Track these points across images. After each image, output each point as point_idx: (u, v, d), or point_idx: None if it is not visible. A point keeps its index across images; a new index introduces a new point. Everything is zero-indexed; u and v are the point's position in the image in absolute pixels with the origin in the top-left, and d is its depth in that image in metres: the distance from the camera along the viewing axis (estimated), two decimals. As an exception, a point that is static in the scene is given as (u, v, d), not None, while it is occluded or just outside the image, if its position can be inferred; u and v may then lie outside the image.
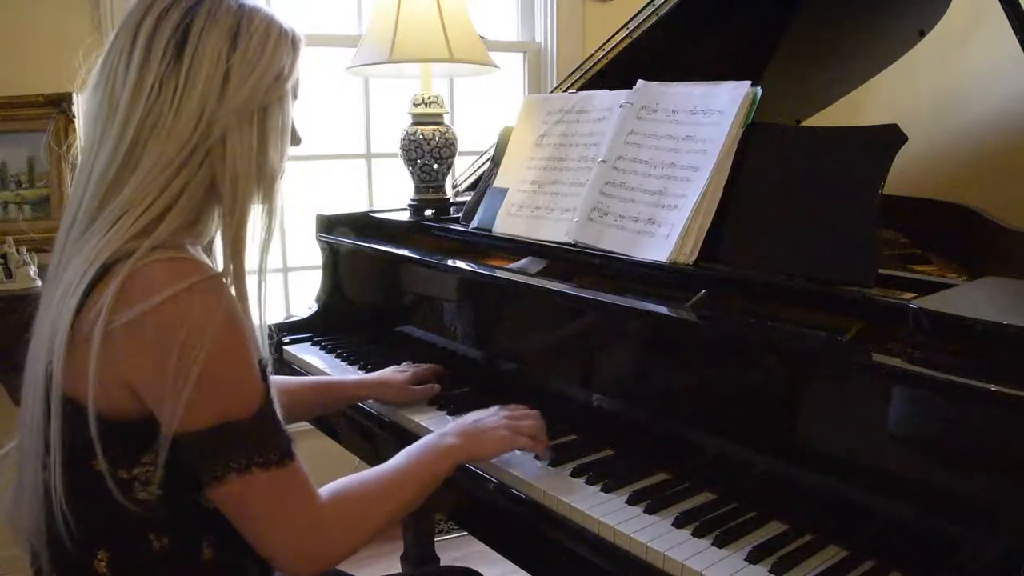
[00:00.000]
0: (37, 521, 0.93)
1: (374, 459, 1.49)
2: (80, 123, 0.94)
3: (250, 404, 0.87)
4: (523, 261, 1.54)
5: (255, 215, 0.95)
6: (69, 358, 0.85)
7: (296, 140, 1.01)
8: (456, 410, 1.37)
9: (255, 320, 0.95)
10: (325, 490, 0.96)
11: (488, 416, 1.16)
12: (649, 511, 1.03)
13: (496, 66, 1.89)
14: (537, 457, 1.16)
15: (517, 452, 1.17)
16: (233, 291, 0.91)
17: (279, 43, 0.94)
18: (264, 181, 0.95)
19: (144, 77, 0.89)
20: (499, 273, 1.44)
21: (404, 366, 1.48)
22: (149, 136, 0.88)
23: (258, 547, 0.91)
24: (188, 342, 0.82)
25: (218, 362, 0.83)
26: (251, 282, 0.94)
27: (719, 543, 0.96)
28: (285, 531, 0.90)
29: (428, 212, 1.89)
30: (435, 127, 1.87)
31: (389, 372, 1.46)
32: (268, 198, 0.96)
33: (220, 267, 0.93)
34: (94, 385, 0.84)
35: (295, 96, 0.99)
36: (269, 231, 0.97)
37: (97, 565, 0.91)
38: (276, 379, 1.18)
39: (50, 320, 0.88)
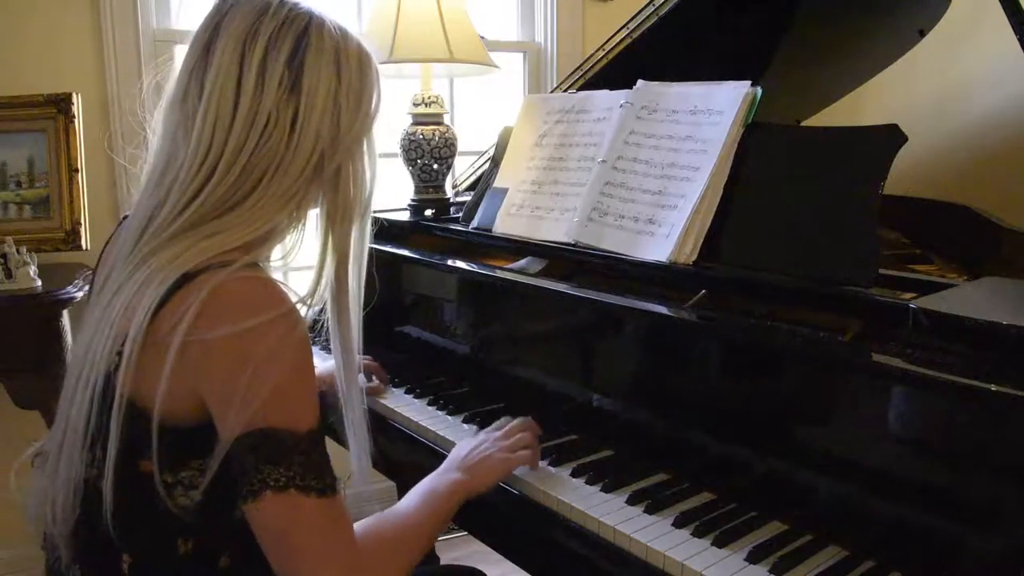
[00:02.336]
0: (68, 521, 0.92)
1: (375, 461, 1.49)
2: (158, 129, 0.93)
3: (302, 423, 0.86)
4: (523, 261, 1.55)
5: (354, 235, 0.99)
6: (137, 363, 0.85)
7: None
8: (456, 410, 1.37)
9: (352, 333, 1.04)
10: (357, 529, 0.93)
11: (482, 444, 1.15)
12: (649, 511, 1.03)
13: (496, 66, 1.89)
14: None
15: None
16: (336, 308, 0.99)
17: (370, 72, 0.96)
18: (365, 204, 1.00)
19: (259, 104, 0.88)
20: (499, 273, 1.44)
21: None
22: (264, 164, 0.89)
23: None
24: (263, 364, 0.82)
25: (285, 379, 0.84)
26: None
27: (719, 543, 0.96)
28: (325, 567, 0.86)
29: (428, 212, 1.89)
30: (435, 127, 1.87)
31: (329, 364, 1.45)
32: (365, 219, 1.00)
33: (305, 287, 0.97)
34: (164, 391, 0.83)
35: None
36: (363, 250, 1.02)
37: (120, 567, 0.91)
38: None
39: (114, 317, 0.87)
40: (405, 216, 1.92)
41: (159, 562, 0.91)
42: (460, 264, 1.52)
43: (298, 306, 0.89)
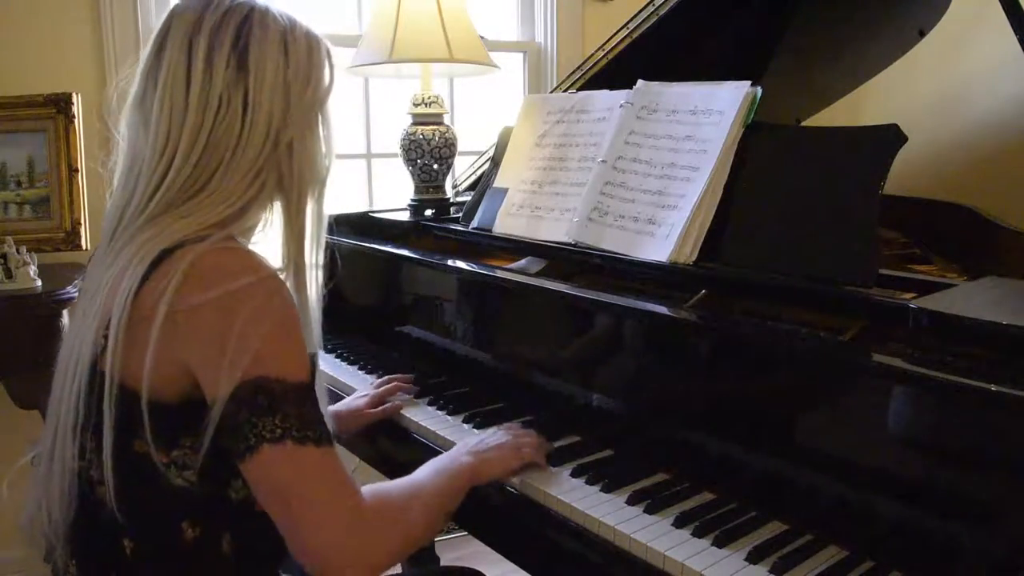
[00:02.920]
0: (67, 517, 0.93)
1: (376, 462, 1.49)
2: (123, 132, 0.98)
3: (293, 374, 0.87)
4: (523, 261, 1.55)
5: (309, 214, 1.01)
6: (124, 341, 0.86)
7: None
8: (456, 410, 1.37)
9: (312, 313, 1.01)
10: (364, 490, 0.94)
11: (490, 437, 1.17)
12: (649, 511, 1.03)
13: (496, 66, 1.89)
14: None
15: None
16: (294, 284, 0.96)
17: (319, 52, 1.00)
18: (320, 181, 1.02)
19: (210, 88, 0.92)
20: (499, 273, 1.44)
21: (369, 387, 1.46)
22: (223, 145, 0.92)
23: (297, 540, 0.87)
24: (250, 319, 0.84)
25: (274, 331, 0.85)
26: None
27: (719, 543, 0.96)
28: (330, 519, 0.86)
29: (428, 212, 1.89)
30: (435, 127, 1.87)
31: (346, 401, 1.44)
32: (321, 197, 1.02)
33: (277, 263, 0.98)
34: (151, 364, 0.85)
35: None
36: (320, 227, 1.03)
37: (122, 554, 0.91)
38: None
39: (96, 307, 0.89)
40: (405, 216, 1.92)
41: (163, 546, 0.91)
42: (460, 264, 1.52)
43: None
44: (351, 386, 1.52)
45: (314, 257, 1.03)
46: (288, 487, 0.86)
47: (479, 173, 1.99)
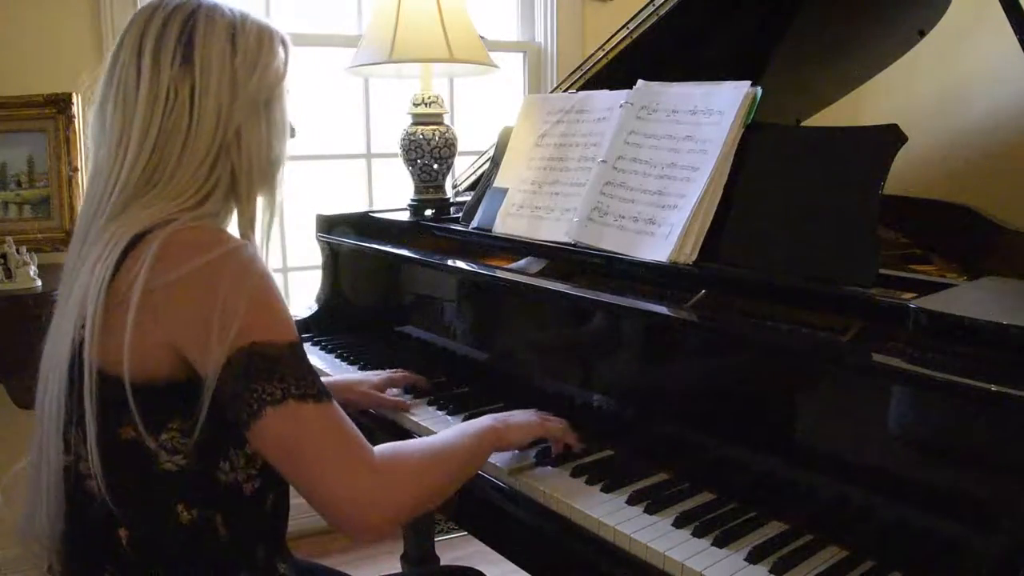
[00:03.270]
0: (56, 512, 0.94)
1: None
2: (87, 132, 1.01)
3: (283, 334, 0.88)
4: (523, 261, 1.54)
5: (260, 205, 1.03)
6: (101, 327, 0.87)
7: (292, 132, 1.07)
8: (456, 410, 1.36)
9: None
10: (377, 449, 0.95)
11: (517, 412, 1.19)
12: (649, 511, 1.03)
13: (496, 66, 1.89)
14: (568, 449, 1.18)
15: (517, 452, 1.17)
16: None
17: (272, 42, 1.01)
18: (271, 171, 1.02)
19: (158, 84, 0.94)
20: (499, 273, 1.44)
21: (385, 372, 1.48)
22: (176, 136, 0.94)
23: (315, 496, 0.88)
24: (232, 287, 0.85)
25: (258, 294, 0.87)
26: None
27: (719, 543, 0.96)
28: (341, 469, 0.88)
29: (428, 212, 1.89)
30: (435, 127, 1.87)
31: (360, 375, 1.47)
32: (272, 188, 1.03)
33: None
34: (129, 348, 0.85)
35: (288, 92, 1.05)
36: (271, 220, 1.04)
37: (118, 545, 0.91)
38: None
39: (75, 300, 0.90)
40: (405, 216, 1.92)
41: (160, 531, 0.92)
42: (460, 264, 1.52)
43: None
44: (351, 386, 1.52)
45: (265, 246, 1.04)
46: (296, 445, 0.87)
47: (479, 173, 1.98)
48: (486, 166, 1.80)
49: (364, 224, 1.92)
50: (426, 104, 1.87)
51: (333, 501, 0.88)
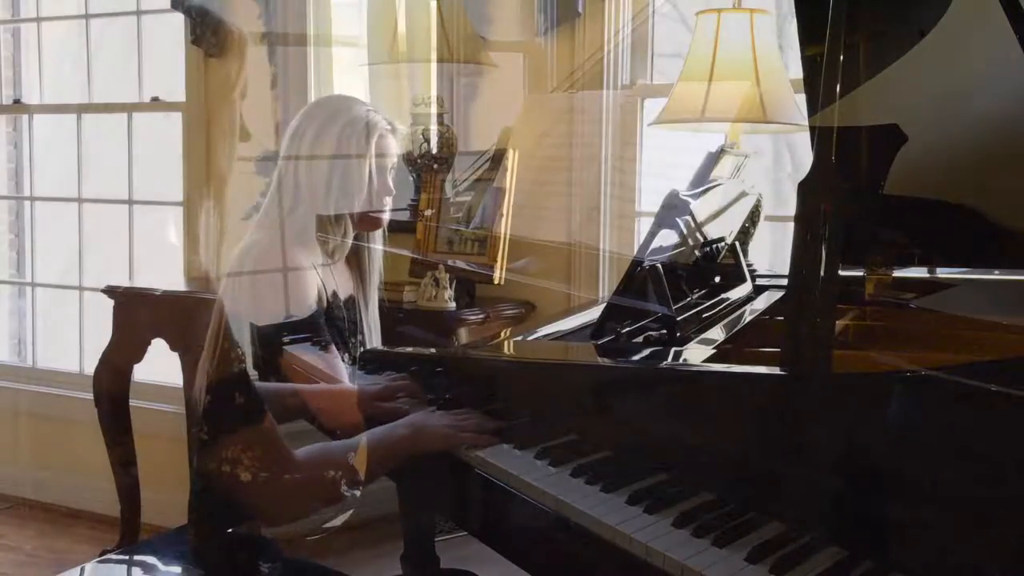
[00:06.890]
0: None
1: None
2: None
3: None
4: (523, 261, 1.54)
5: None
6: None
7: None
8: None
9: None
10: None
11: (436, 415, 1.27)
12: (649, 511, 1.03)
13: (496, 66, 1.89)
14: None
15: (517, 453, 1.17)
16: None
17: None
18: None
19: None
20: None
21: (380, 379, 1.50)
22: None
23: None
24: None
25: None
26: None
27: (719, 543, 0.96)
28: None
29: (428, 212, 1.89)
30: (435, 127, 1.87)
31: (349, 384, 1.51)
32: None
33: None
34: None
35: None
36: None
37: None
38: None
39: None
40: (405, 216, 1.92)
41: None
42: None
43: None
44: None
45: None
46: None
47: (479, 173, 1.98)
48: (486, 166, 1.80)
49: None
50: (426, 104, 1.87)
51: None
